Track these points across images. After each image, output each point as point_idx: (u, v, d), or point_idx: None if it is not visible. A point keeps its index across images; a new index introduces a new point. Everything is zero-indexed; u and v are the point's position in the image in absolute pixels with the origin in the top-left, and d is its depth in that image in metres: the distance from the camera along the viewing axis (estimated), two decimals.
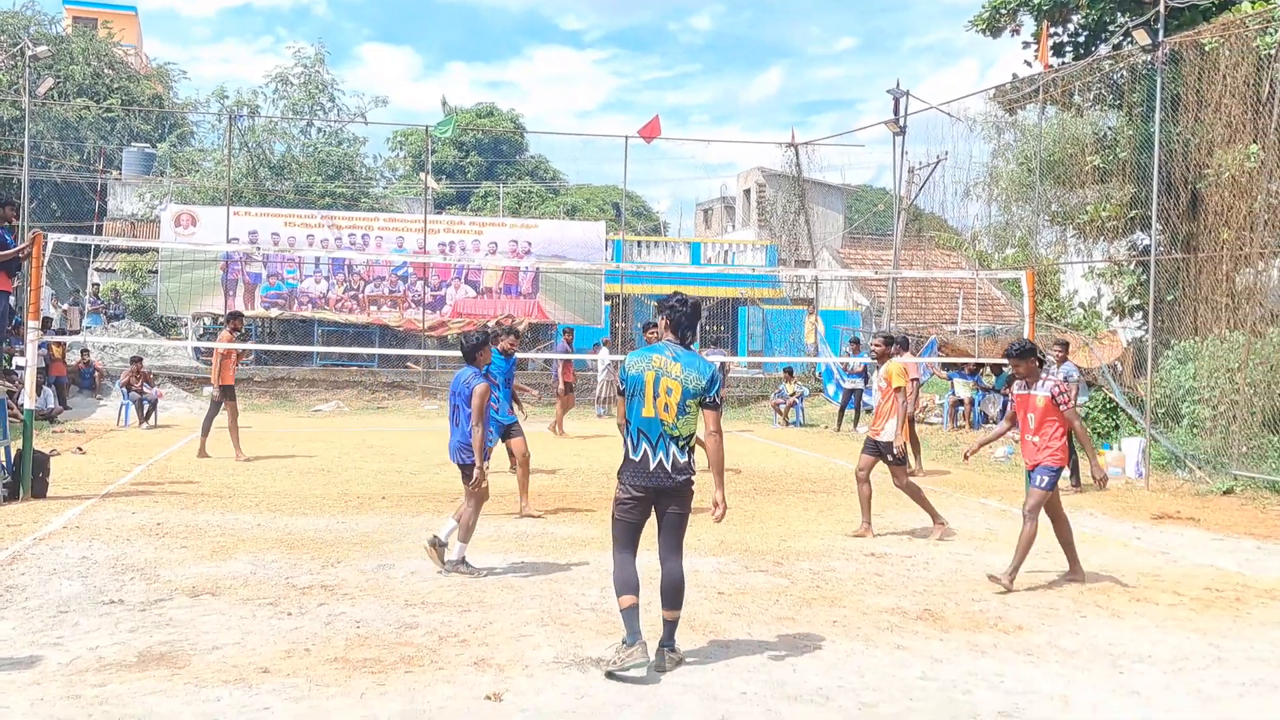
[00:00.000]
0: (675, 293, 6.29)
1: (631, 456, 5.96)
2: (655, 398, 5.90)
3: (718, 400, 6.01)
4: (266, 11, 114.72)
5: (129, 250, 30.68)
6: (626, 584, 5.95)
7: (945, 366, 22.14)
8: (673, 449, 5.91)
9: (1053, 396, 8.23)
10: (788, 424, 23.06)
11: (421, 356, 26.52)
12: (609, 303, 29.76)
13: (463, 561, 8.12)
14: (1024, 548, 8.12)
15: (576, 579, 8.06)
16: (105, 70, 39.30)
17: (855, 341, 23.35)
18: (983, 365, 20.99)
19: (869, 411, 22.78)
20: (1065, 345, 14.05)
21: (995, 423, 20.06)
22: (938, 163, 28.03)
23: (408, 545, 9.14)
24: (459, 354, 8.50)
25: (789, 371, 24.36)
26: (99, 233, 30.04)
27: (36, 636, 6.26)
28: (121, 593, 7.31)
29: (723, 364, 16.69)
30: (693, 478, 6.02)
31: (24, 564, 8.11)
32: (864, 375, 21.95)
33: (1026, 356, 8.39)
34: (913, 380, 12.10)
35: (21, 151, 26.69)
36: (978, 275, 21.49)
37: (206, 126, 40.53)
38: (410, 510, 11.04)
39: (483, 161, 49.15)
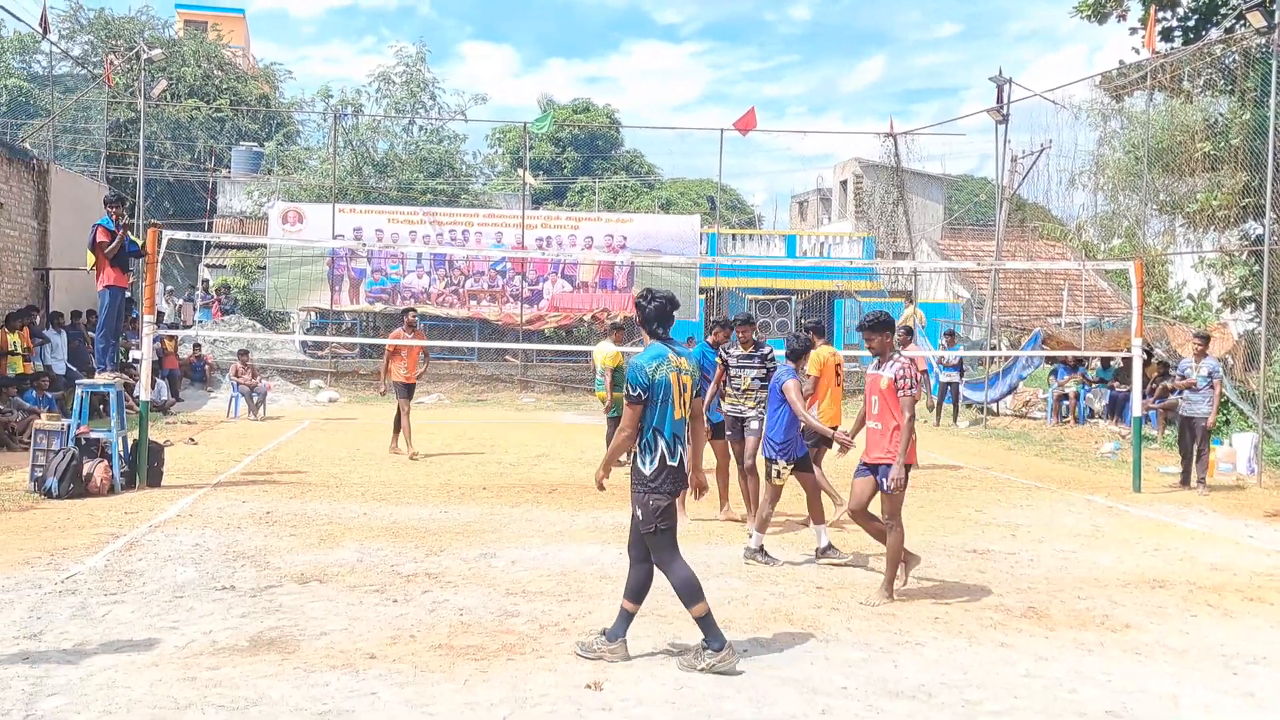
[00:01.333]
0: (645, 289, 6.18)
1: (670, 462, 5.82)
2: (681, 394, 5.87)
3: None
4: (370, 11, 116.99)
5: (238, 246, 31.58)
6: (700, 589, 5.89)
7: (1050, 360, 21.66)
8: (678, 445, 5.88)
9: (894, 379, 7.21)
10: None
11: (519, 350, 26.81)
12: (703, 296, 29.73)
13: (760, 551, 8.47)
14: (893, 559, 7.33)
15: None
16: (215, 71, 40.50)
17: (951, 334, 22.96)
18: (1088, 359, 20.50)
19: (969, 405, 22.45)
20: (1206, 339, 13.47)
21: (1101, 418, 19.60)
22: (1041, 151, 27.41)
23: (508, 535, 9.28)
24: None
25: None
26: (209, 229, 30.96)
27: (154, 620, 6.50)
28: (233, 579, 7.55)
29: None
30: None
31: (141, 550, 8.42)
32: (959, 368, 21.57)
33: (880, 329, 7.40)
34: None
35: (137, 152, 27.65)
36: (1083, 266, 20.90)
37: (312, 125, 41.59)
38: (510, 501, 11.19)
39: (579, 157, 49.44)
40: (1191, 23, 20.35)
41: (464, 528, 9.67)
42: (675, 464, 5.83)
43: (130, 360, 17.89)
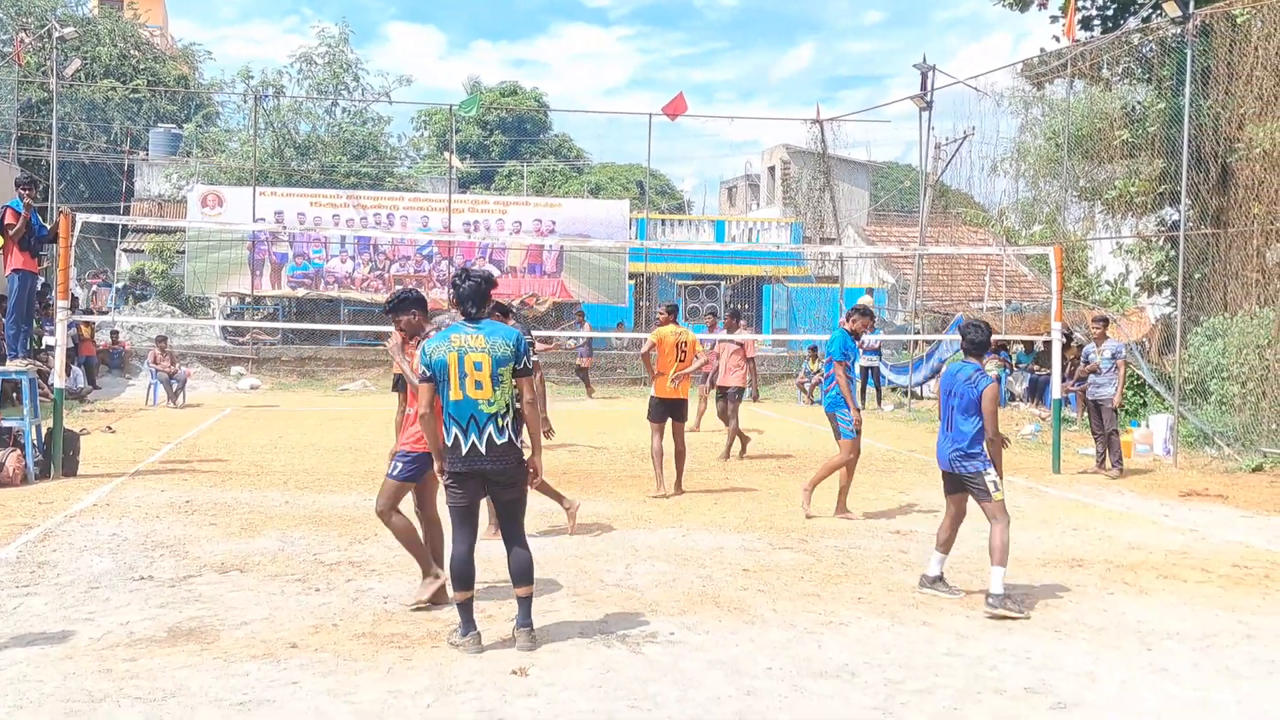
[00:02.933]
0: (460, 268, 6.19)
1: (446, 442, 5.80)
2: (464, 377, 5.73)
3: (529, 366, 5.90)
4: None
5: (156, 230, 30.90)
6: (463, 579, 5.85)
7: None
8: (489, 429, 5.74)
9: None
10: (813, 402, 22.99)
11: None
12: (633, 281, 29.75)
13: (940, 580, 7.23)
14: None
15: (600, 555, 8.08)
16: (131, 51, 39.49)
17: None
18: (1008, 343, 20.87)
19: (893, 389, 22.77)
20: (1105, 321, 13.71)
21: (1022, 401, 20.00)
22: (964, 138, 27.78)
23: None
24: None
25: (814, 350, 24.28)
26: (127, 213, 30.21)
27: (68, 612, 6.33)
28: (151, 569, 7.39)
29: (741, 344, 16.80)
30: (519, 456, 5.88)
31: (56, 540, 8.21)
32: (879, 352, 21.85)
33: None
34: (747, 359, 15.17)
35: (50, 133, 26.87)
36: (1005, 251, 21.31)
37: (232, 107, 40.73)
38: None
39: (507, 141, 49.14)
40: (1110, 11, 20.77)
41: None
42: (449, 443, 5.76)
43: (44, 347, 17.40)
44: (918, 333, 23.15)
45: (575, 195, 41.40)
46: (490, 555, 6.98)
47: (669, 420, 10.90)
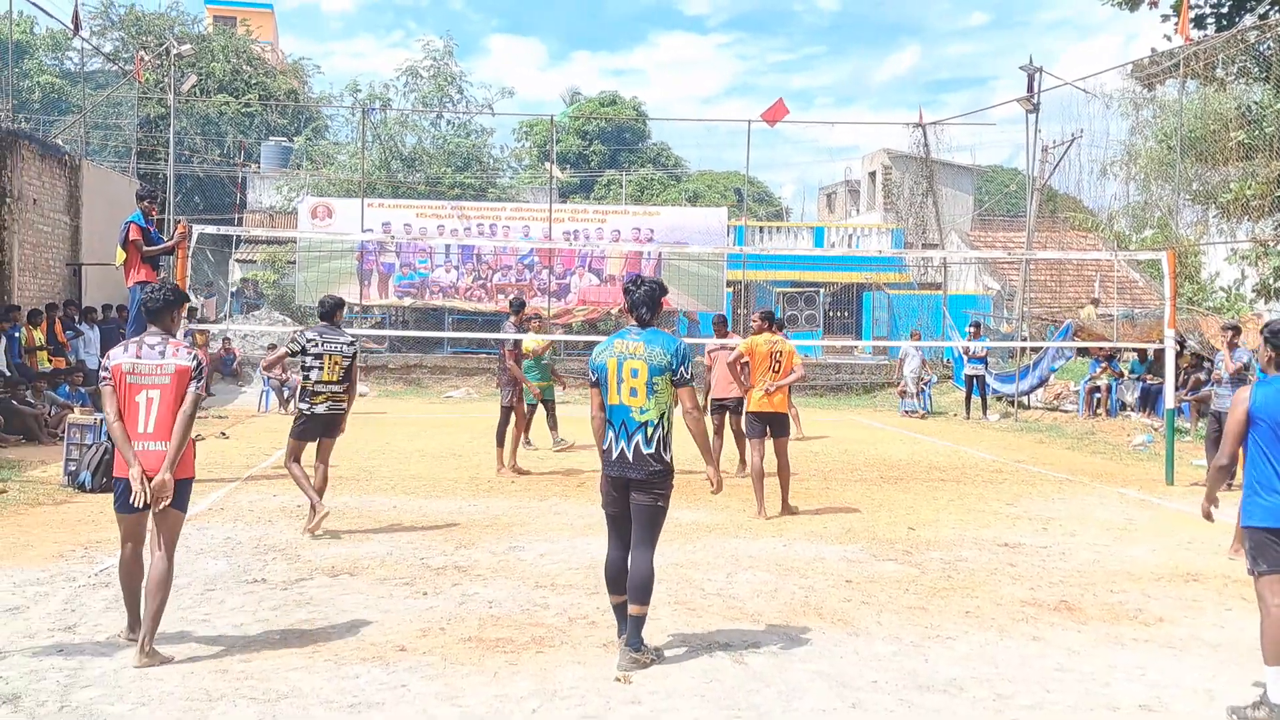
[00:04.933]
0: (633, 275, 6.25)
1: (601, 444, 5.88)
2: (621, 383, 5.78)
3: (688, 376, 5.85)
4: (398, 5, 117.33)
5: (268, 241, 31.74)
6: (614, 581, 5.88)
7: (1081, 352, 21.50)
8: (637, 437, 5.75)
9: None
10: (920, 412, 22.64)
11: (548, 343, 26.79)
12: (731, 289, 29.67)
13: None
14: None
15: (701, 564, 8.08)
16: (244, 67, 40.74)
17: (977, 325, 22.80)
18: (1120, 351, 20.31)
19: (999, 398, 22.31)
20: (1236, 329, 13.11)
21: (1134, 411, 19.43)
22: (1072, 141, 27.23)
23: (536, 528, 9.30)
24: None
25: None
26: (239, 224, 31.15)
27: (185, 613, 6.54)
28: (264, 572, 7.59)
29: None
30: (664, 467, 5.82)
31: None
32: (985, 360, 21.41)
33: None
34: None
35: (167, 147, 27.84)
36: (1115, 257, 20.77)
37: (340, 120, 41.67)
38: (537, 494, 11.20)
39: (606, 150, 49.47)
40: (1225, 9, 20.14)
41: (492, 521, 9.69)
42: (605, 447, 5.84)
43: None
44: (1024, 340, 22.67)
45: (673, 203, 41.45)
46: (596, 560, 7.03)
47: (768, 437, 10.32)
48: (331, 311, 9.43)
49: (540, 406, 14.17)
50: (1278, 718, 4.89)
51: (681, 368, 5.81)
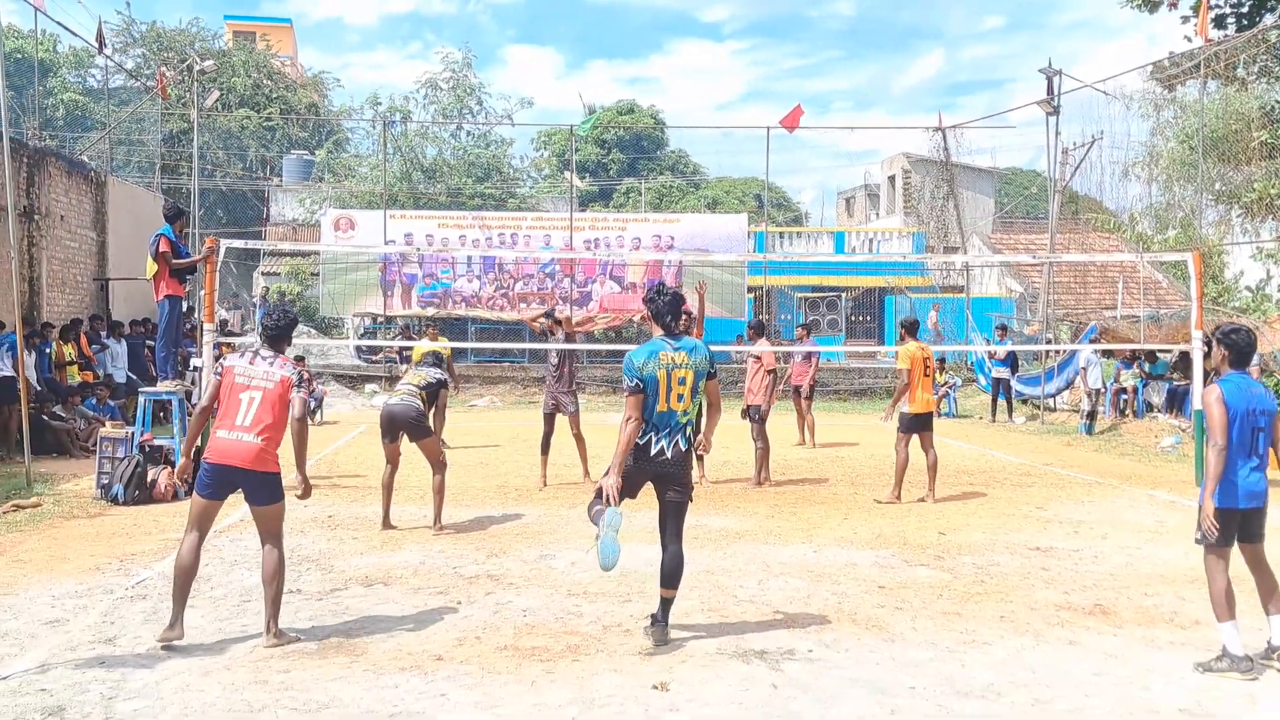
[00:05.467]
0: (656, 283, 6.61)
1: (639, 442, 6.16)
2: (669, 391, 6.15)
3: (715, 370, 6.39)
4: (415, 17, 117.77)
5: (292, 254, 31.97)
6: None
7: (1106, 354, 21.39)
8: (678, 437, 6.19)
9: None
10: (940, 415, 22.57)
11: (569, 351, 26.86)
12: (752, 295, 29.67)
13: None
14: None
15: (732, 570, 8.09)
16: (265, 81, 41.05)
17: (1002, 328, 22.71)
18: (1143, 352, 20.20)
19: (1024, 401, 22.22)
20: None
21: (1160, 412, 19.32)
22: (1093, 143, 27.12)
23: (566, 536, 9.32)
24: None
25: (940, 362, 23.87)
26: (263, 238, 31.35)
27: (223, 624, 6.60)
28: (299, 582, 7.64)
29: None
30: (690, 458, 6.33)
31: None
32: (1011, 363, 21.31)
33: None
34: (769, 371, 12.94)
35: (190, 162, 28.06)
36: (1141, 258, 20.65)
37: (361, 133, 41.99)
38: (565, 502, 11.23)
39: (624, 158, 49.54)
40: (1245, 8, 20.05)
41: (522, 529, 9.73)
42: (642, 444, 6.14)
43: (191, 367, 18.16)
44: (1048, 343, 22.58)
45: (693, 210, 41.48)
46: (629, 568, 7.04)
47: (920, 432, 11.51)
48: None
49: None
50: (1236, 665, 5.69)
51: (713, 367, 6.37)
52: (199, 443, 6.83)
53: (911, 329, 11.74)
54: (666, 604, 6.24)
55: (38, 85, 25.96)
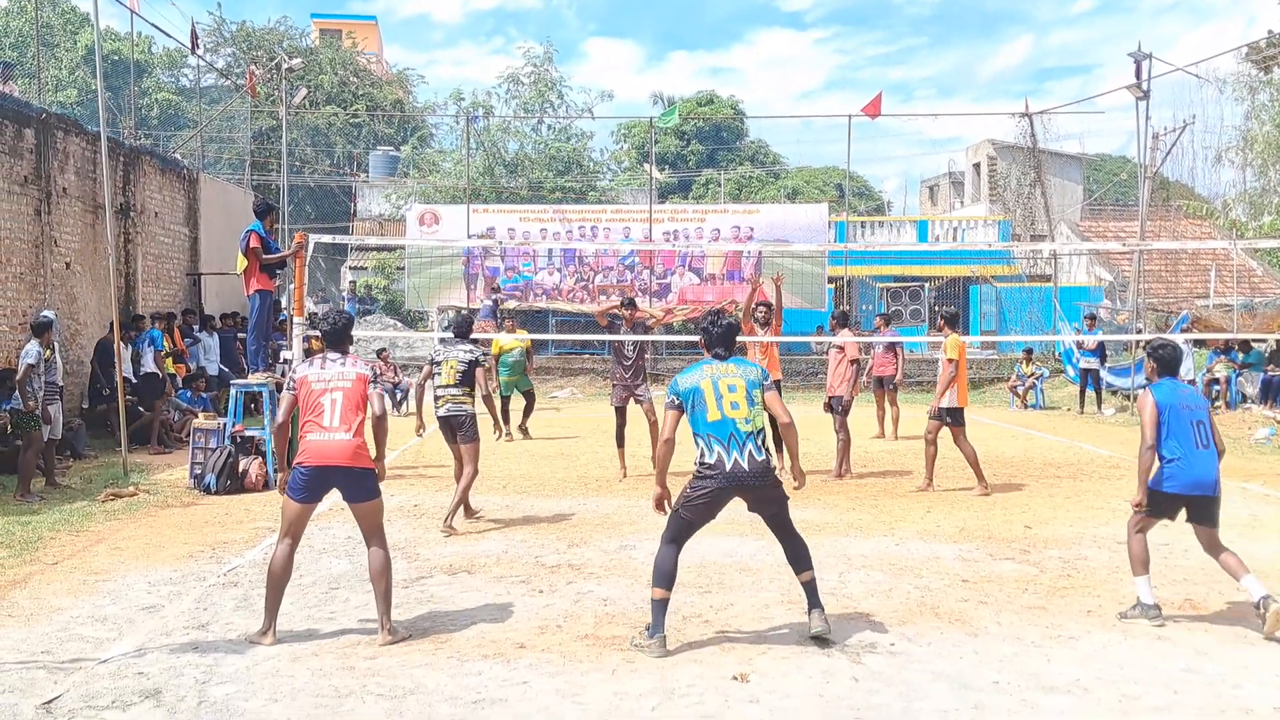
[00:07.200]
0: (712, 309, 6.61)
1: (707, 459, 6.03)
2: (719, 399, 6.05)
3: (772, 383, 6.33)
4: (498, 12, 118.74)
5: (379, 248, 32.49)
6: (667, 579, 6.07)
7: (1199, 344, 20.85)
8: (749, 446, 6.00)
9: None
10: (1026, 407, 22.20)
11: (649, 342, 26.93)
12: (833, 285, 29.44)
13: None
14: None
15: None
16: (351, 78, 41.75)
17: (1091, 318, 22.21)
18: (1236, 342, 19.65)
19: (1114, 392, 21.72)
20: None
21: (1254, 403, 18.78)
22: (1185, 127, 26.43)
23: (646, 527, 9.36)
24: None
25: (1028, 352, 23.44)
26: (350, 233, 31.90)
27: (312, 611, 6.77)
28: None
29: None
30: (773, 470, 6.16)
31: None
32: (1100, 354, 20.83)
33: None
34: (851, 361, 12.79)
35: (279, 159, 28.68)
36: (1235, 245, 20.07)
37: (445, 128, 42.48)
38: (645, 493, 11.20)
39: (704, 149, 49.42)
40: None
41: (603, 519, 9.80)
42: (712, 461, 6.00)
43: (281, 360, 18.57)
44: (1139, 332, 22.07)
45: (773, 201, 41.24)
46: (688, 562, 7.04)
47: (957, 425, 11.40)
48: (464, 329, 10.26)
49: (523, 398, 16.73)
50: (1146, 612, 6.47)
51: (767, 379, 6.29)
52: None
53: (952, 321, 11.75)
54: (810, 588, 6.16)
55: (133, 85, 26.70)
